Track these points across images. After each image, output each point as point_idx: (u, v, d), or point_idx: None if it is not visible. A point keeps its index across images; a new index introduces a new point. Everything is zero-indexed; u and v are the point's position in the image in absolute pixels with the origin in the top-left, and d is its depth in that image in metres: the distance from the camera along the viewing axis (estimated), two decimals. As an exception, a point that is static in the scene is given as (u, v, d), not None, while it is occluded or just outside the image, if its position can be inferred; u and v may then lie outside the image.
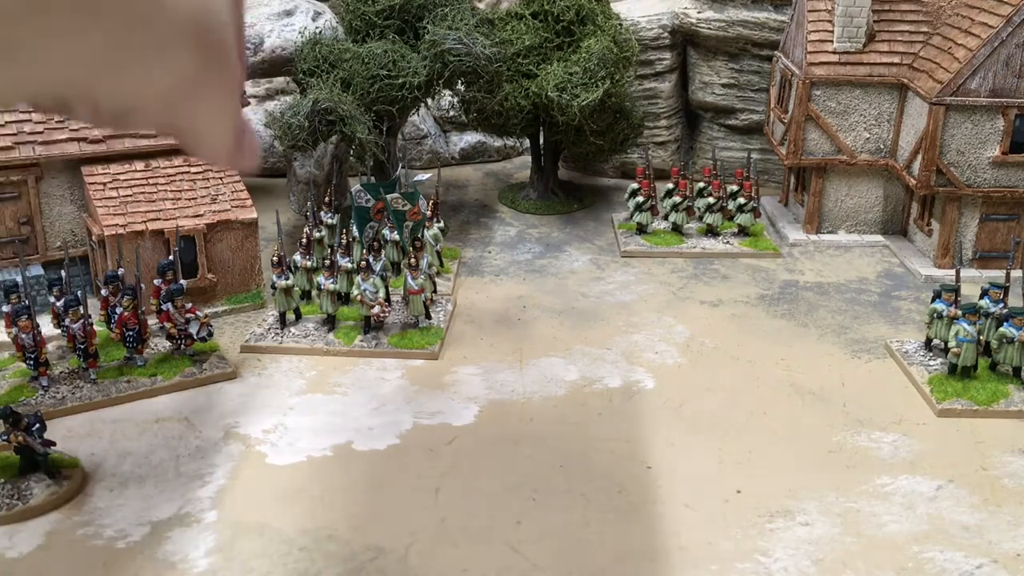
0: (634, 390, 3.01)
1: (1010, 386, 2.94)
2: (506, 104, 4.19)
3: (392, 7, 4.09)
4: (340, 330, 3.28)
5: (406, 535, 2.31)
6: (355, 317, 3.31)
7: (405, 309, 3.33)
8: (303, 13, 4.78)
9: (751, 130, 5.02)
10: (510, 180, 5.17)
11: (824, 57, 4.11)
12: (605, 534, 2.33)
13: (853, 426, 2.47)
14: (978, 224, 3.91)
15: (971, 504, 2.43)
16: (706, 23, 4.83)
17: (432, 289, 3.44)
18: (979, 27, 3.75)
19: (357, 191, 3.75)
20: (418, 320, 3.31)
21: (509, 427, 2.79)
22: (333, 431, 2.76)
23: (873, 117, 4.12)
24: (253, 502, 2.43)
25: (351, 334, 3.25)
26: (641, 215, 4.24)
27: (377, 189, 3.72)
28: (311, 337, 3.26)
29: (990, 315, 3.07)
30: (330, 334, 3.26)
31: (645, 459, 2.62)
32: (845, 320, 3.51)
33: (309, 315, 3.38)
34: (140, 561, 2.20)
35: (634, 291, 3.76)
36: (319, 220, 3.76)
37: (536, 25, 4.26)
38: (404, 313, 3.34)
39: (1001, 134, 3.74)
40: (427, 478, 2.54)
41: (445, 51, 3.86)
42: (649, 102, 5.03)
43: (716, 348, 3.28)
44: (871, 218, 4.31)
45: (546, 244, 4.25)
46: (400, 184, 3.78)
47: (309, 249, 3.52)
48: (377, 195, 3.71)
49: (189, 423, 2.79)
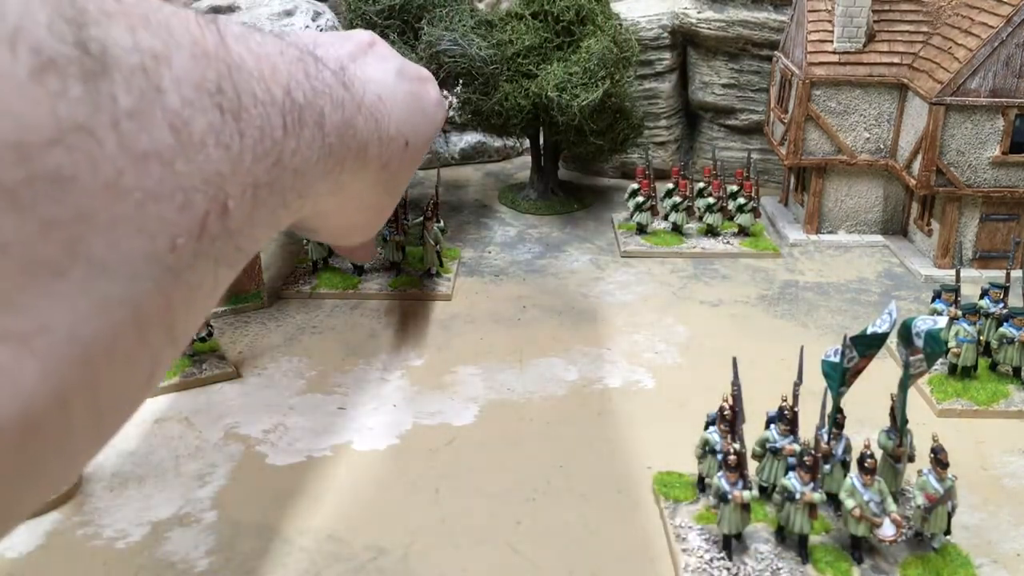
0: (634, 390, 3.01)
1: (1010, 386, 2.94)
2: (506, 104, 4.18)
3: (392, 7, 4.09)
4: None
5: (406, 535, 2.31)
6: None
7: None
8: (303, 13, 4.78)
9: (751, 130, 5.02)
10: (510, 180, 5.16)
11: (824, 57, 4.11)
12: (605, 534, 2.33)
13: (853, 426, 2.47)
14: (978, 224, 3.91)
15: (971, 504, 2.43)
16: (706, 23, 4.83)
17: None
18: (979, 27, 3.75)
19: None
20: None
21: (509, 427, 2.79)
22: (333, 431, 2.76)
23: (873, 117, 4.12)
24: (253, 502, 2.42)
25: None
26: (641, 215, 4.24)
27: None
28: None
29: (990, 315, 3.07)
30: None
31: (645, 459, 2.62)
32: (845, 320, 3.51)
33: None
34: (140, 561, 2.20)
35: (634, 291, 3.76)
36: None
37: (536, 25, 4.26)
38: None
39: (1001, 134, 3.74)
40: (427, 478, 2.54)
41: (441, 52, 3.86)
42: (649, 102, 5.03)
43: (716, 348, 3.28)
44: (871, 218, 4.31)
45: (546, 244, 4.25)
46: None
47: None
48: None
49: (189, 423, 2.79)
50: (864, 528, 2.15)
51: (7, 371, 0.36)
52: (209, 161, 0.46)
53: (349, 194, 0.91)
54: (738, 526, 2.18)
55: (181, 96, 0.44)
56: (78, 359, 0.40)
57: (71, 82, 0.38)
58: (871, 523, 2.13)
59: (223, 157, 0.47)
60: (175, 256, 0.44)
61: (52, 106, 0.38)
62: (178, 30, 0.48)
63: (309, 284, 3.70)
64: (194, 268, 0.47)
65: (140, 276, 0.42)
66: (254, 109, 0.52)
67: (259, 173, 0.52)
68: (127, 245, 0.40)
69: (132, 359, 0.44)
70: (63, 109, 0.38)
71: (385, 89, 1.09)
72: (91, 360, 0.40)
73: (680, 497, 2.41)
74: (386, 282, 3.73)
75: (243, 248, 0.52)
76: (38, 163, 0.36)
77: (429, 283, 3.72)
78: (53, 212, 0.37)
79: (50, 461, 0.42)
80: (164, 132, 0.43)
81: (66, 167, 0.38)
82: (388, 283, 3.71)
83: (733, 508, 2.16)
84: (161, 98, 0.43)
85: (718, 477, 2.19)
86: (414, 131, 1.23)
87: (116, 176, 0.40)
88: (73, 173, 0.38)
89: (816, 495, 2.14)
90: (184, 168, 0.44)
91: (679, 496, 2.41)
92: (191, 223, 0.45)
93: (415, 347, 3.27)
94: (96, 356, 0.40)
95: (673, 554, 2.22)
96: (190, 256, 0.46)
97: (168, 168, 0.43)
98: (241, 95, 0.51)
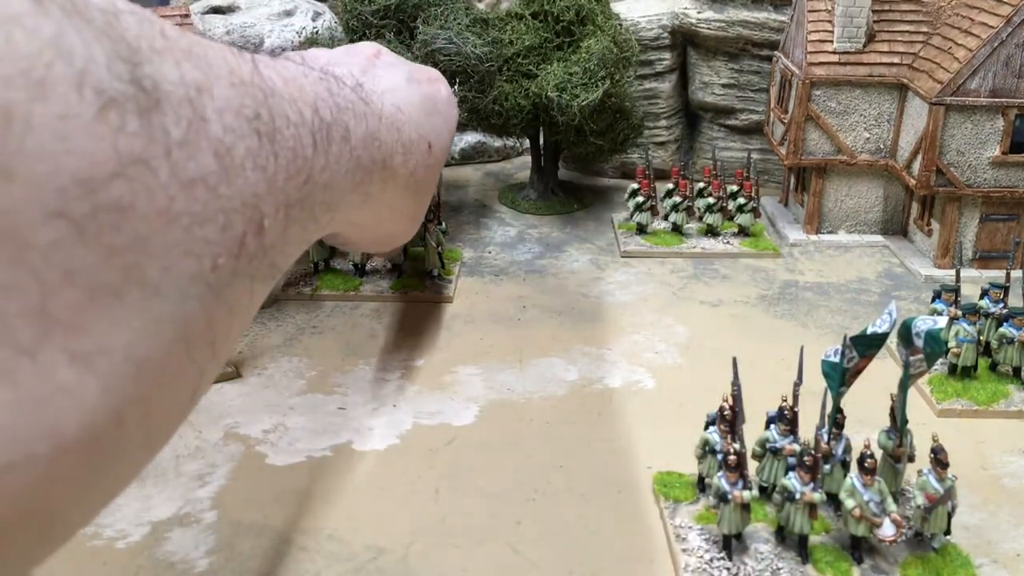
0: (634, 390, 3.01)
1: (1010, 386, 2.94)
2: (506, 104, 4.19)
3: (388, 7, 4.10)
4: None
5: (406, 535, 2.31)
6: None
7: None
8: (303, 13, 4.78)
9: (751, 130, 5.03)
10: (510, 180, 5.16)
11: (824, 57, 4.11)
12: (605, 534, 2.33)
13: (853, 426, 2.47)
14: (978, 224, 3.91)
15: (971, 504, 2.43)
16: (706, 23, 4.83)
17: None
18: (979, 27, 3.75)
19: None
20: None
21: (509, 427, 2.79)
22: (333, 431, 2.76)
23: (873, 117, 4.12)
24: (253, 502, 2.43)
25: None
26: (641, 215, 4.24)
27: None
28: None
29: (990, 315, 3.07)
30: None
31: (645, 459, 2.63)
32: (845, 320, 3.51)
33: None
34: (140, 561, 2.20)
35: (634, 291, 3.76)
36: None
37: (536, 25, 4.26)
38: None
39: (1001, 134, 3.74)
40: (427, 478, 2.54)
41: (436, 51, 3.87)
42: (649, 102, 5.03)
43: (716, 348, 3.28)
44: (871, 218, 4.31)
45: (546, 244, 4.25)
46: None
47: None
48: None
49: (189, 423, 2.78)
50: (864, 528, 2.15)
51: (72, 390, 0.38)
52: (248, 184, 0.48)
53: (380, 203, 0.92)
54: (738, 526, 2.18)
55: (223, 124, 0.46)
56: (133, 376, 0.41)
57: (129, 117, 0.40)
58: (871, 523, 2.14)
59: (260, 179, 0.48)
60: (216, 275, 0.46)
61: (113, 141, 0.39)
62: (216, 61, 0.49)
63: (310, 285, 3.69)
64: (232, 286, 0.48)
65: (188, 296, 0.43)
66: (287, 131, 0.54)
67: (291, 191, 0.53)
68: (177, 267, 0.42)
69: (180, 375, 0.45)
70: (123, 143, 0.40)
71: (400, 98, 1.10)
72: (144, 377, 0.41)
73: (680, 497, 2.41)
74: (388, 284, 3.72)
75: (277, 264, 0.53)
76: (102, 195, 0.38)
77: (431, 285, 3.71)
78: (114, 240, 0.39)
79: (108, 473, 0.43)
80: (209, 159, 0.45)
81: (125, 197, 0.39)
82: (389, 285, 3.71)
83: (733, 508, 2.16)
84: (206, 127, 0.44)
85: (718, 477, 2.19)
86: (434, 133, 1.23)
87: (168, 203, 0.41)
88: (132, 202, 0.40)
89: (816, 495, 2.14)
90: (226, 191, 0.45)
91: (679, 496, 2.41)
92: (231, 243, 0.46)
93: (415, 347, 3.28)
94: (148, 373, 0.42)
95: (673, 554, 2.22)
96: (229, 274, 0.47)
97: (212, 192, 0.44)
98: (276, 118, 0.53)
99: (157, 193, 0.41)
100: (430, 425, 2.80)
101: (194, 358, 0.46)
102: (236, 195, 0.46)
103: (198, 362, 0.46)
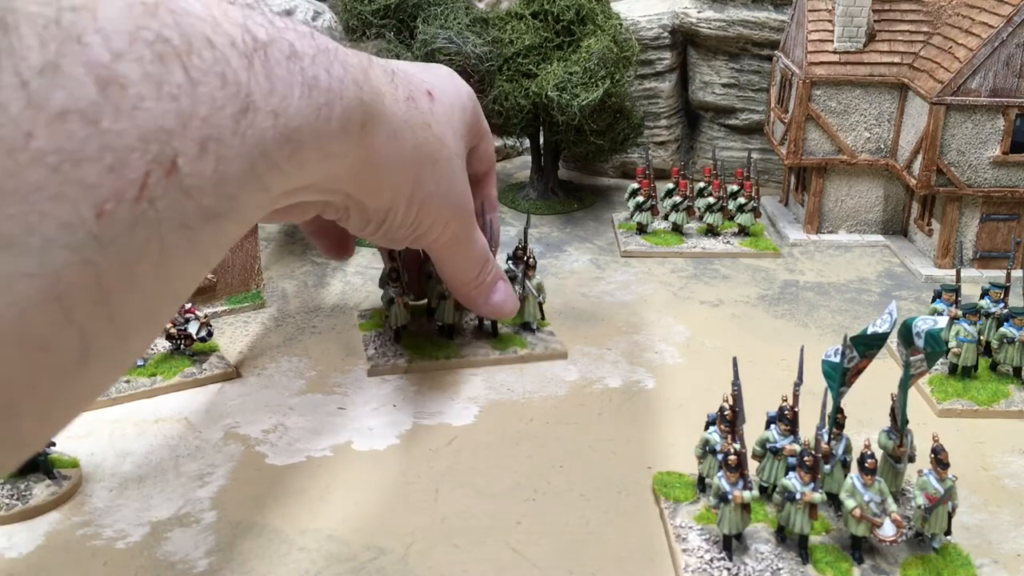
0: (634, 390, 3.01)
1: (1010, 386, 2.94)
2: (506, 104, 4.19)
3: (388, 6, 4.10)
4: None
5: (406, 535, 2.31)
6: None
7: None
8: (303, 13, 4.78)
9: (751, 130, 5.02)
10: (510, 180, 5.16)
11: (824, 57, 4.11)
12: (605, 534, 2.33)
13: (853, 426, 2.47)
14: (978, 224, 3.91)
15: (971, 504, 2.43)
16: (706, 23, 4.82)
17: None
18: (979, 27, 3.75)
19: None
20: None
21: (509, 427, 2.79)
22: (333, 431, 2.75)
23: (873, 117, 4.12)
24: (253, 502, 2.42)
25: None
26: (641, 215, 4.24)
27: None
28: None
29: (990, 315, 3.07)
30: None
31: (645, 459, 2.62)
32: (845, 320, 3.51)
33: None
34: (140, 561, 2.20)
35: (634, 291, 3.76)
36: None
37: (536, 25, 4.26)
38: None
39: (1001, 134, 3.74)
40: (427, 478, 2.54)
41: (436, 50, 3.87)
42: (649, 102, 5.03)
43: (716, 348, 3.27)
44: (871, 218, 4.31)
45: (546, 244, 4.25)
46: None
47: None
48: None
49: (189, 423, 2.78)
50: (864, 528, 2.15)
51: None
52: (150, 117, 0.40)
53: (372, 151, 0.79)
54: (738, 526, 2.18)
55: (110, 48, 0.39)
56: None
57: None
58: (871, 523, 2.13)
59: (169, 110, 0.41)
60: (103, 223, 0.38)
61: None
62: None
63: (403, 356, 3.15)
64: (130, 235, 0.40)
65: (56, 247, 0.36)
66: (207, 53, 0.46)
67: (222, 123, 0.45)
68: (38, 214, 0.34)
69: (52, 337, 0.37)
70: None
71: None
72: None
73: (680, 497, 2.41)
74: (490, 345, 3.23)
75: (213, 208, 0.44)
76: None
77: (533, 339, 3.27)
78: None
79: None
80: (88, 88, 0.38)
81: None
82: (491, 344, 3.23)
83: (733, 508, 2.16)
84: (83, 51, 0.37)
85: (718, 477, 2.19)
86: (437, 84, 1.11)
87: (24, 140, 0.35)
88: None
89: (816, 495, 2.14)
90: (114, 126, 0.38)
91: (679, 496, 2.41)
92: (124, 186, 0.39)
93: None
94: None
95: (673, 554, 2.22)
96: (124, 223, 0.40)
97: (93, 127, 0.37)
98: (192, 41, 0.45)
99: (5, 128, 0.34)
100: (430, 425, 2.80)
101: (73, 318, 0.39)
102: (130, 130, 0.39)
103: (79, 322, 0.39)
